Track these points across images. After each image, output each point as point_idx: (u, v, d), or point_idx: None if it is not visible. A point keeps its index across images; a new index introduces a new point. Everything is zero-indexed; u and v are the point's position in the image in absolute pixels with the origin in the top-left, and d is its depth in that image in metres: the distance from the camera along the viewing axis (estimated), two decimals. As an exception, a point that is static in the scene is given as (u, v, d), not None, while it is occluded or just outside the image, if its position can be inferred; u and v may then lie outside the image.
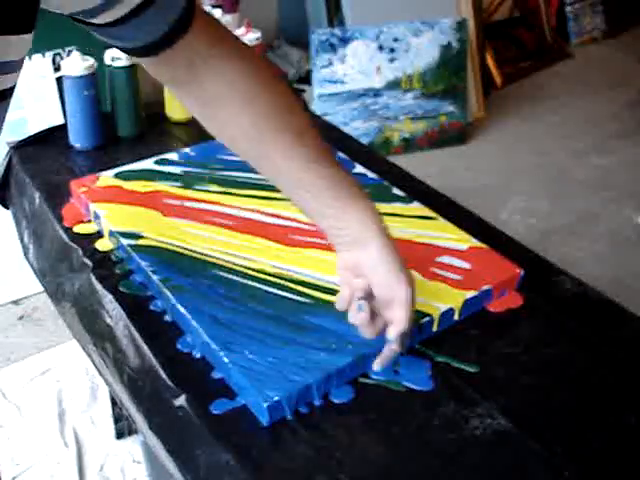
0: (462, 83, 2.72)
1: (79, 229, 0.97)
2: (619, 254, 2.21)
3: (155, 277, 0.84)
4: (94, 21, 0.60)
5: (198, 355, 0.77)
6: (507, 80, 3.24)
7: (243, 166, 1.07)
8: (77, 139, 1.16)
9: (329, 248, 0.90)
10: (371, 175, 1.07)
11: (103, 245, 0.94)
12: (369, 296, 0.69)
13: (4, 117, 0.55)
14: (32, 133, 1.21)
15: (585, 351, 0.80)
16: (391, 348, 0.71)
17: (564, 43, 3.66)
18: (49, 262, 1.01)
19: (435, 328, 0.80)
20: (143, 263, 0.86)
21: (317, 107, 2.54)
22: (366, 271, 0.69)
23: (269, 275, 0.85)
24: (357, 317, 0.70)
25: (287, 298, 0.82)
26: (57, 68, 1.70)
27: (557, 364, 0.78)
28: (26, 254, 1.09)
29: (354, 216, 0.68)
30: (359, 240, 0.68)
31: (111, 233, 0.93)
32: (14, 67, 0.52)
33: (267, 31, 2.78)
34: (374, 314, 0.70)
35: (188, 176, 1.05)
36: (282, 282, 0.84)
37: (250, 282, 0.84)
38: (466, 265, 0.88)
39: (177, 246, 0.90)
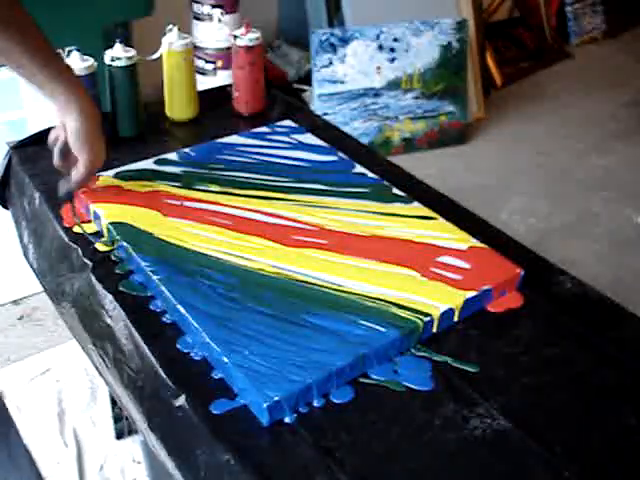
0: (462, 83, 2.72)
1: (78, 229, 0.97)
2: (619, 254, 2.21)
3: (155, 277, 0.84)
4: None
5: (198, 355, 0.77)
6: (507, 80, 3.24)
7: (243, 166, 1.08)
8: (77, 139, 1.16)
9: (329, 248, 0.90)
10: (371, 175, 1.07)
11: (103, 245, 0.94)
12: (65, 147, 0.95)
13: None
14: (32, 133, 1.21)
15: (585, 351, 0.80)
16: (68, 186, 0.98)
17: (564, 43, 3.66)
18: (49, 262, 1.01)
19: (435, 328, 0.80)
20: (143, 263, 0.86)
21: (317, 107, 2.54)
22: (67, 132, 0.94)
23: (269, 275, 0.85)
24: (54, 158, 0.97)
25: (287, 298, 0.82)
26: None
27: (557, 364, 0.78)
28: (26, 254, 1.09)
29: (60, 95, 0.92)
30: (65, 110, 0.93)
31: (111, 233, 0.93)
32: None
33: (267, 31, 2.79)
34: (66, 160, 0.96)
35: (188, 176, 1.05)
36: (282, 282, 0.84)
37: (250, 282, 0.84)
38: (466, 265, 0.88)
39: (177, 246, 0.90)
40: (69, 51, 1.12)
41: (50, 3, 1.44)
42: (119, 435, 1.52)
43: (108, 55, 1.15)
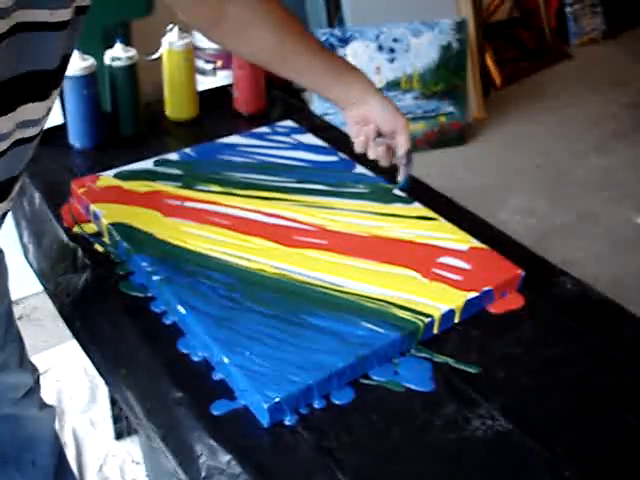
0: (462, 83, 2.72)
1: (78, 229, 0.97)
2: (619, 254, 2.21)
3: (155, 277, 0.84)
4: None
5: (198, 356, 0.77)
6: (507, 80, 3.24)
7: (243, 166, 1.08)
8: (77, 139, 1.16)
9: (329, 249, 0.90)
10: (371, 175, 1.07)
11: (103, 245, 0.94)
12: (379, 136, 0.95)
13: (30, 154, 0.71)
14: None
15: (585, 351, 0.80)
16: (405, 164, 0.95)
17: (564, 44, 3.66)
18: (49, 262, 1.01)
19: (436, 329, 0.80)
20: (143, 263, 0.86)
21: (317, 107, 2.54)
22: (373, 118, 0.94)
23: (269, 275, 0.85)
24: (378, 151, 0.95)
25: (287, 298, 0.82)
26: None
27: (558, 364, 0.78)
28: (26, 254, 1.09)
29: (355, 85, 0.94)
30: (362, 99, 0.94)
31: (111, 233, 0.93)
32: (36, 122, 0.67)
33: (267, 31, 2.77)
34: (388, 148, 0.95)
35: (188, 176, 1.04)
36: (282, 282, 0.84)
37: (250, 282, 0.84)
38: (467, 266, 0.88)
39: (177, 246, 0.90)
40: (69, 51, 1.12)
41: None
42: (119, 435, 1.52)
43: (108, 55, 1.14)
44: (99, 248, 0.94)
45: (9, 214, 0.74)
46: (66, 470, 1.06)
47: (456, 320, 0.82)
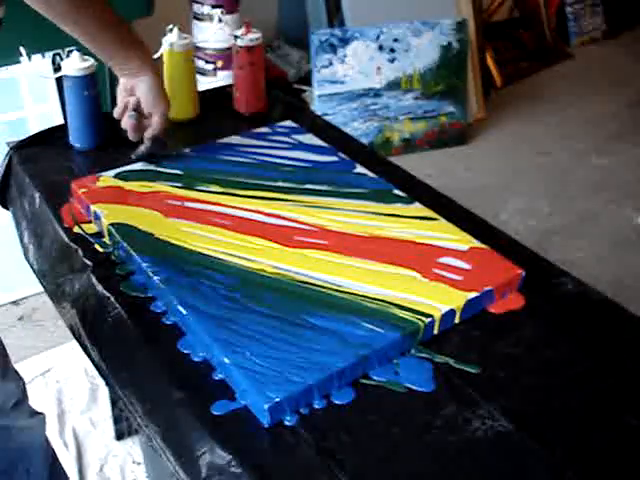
0: (462, 83, 2.72)
1: (78, 229, 0.97)
2: (619, 254, 2.21)
3: (155, 278, 0.84)
4: None
5: (199, 356, 0.77)
6: (507, 80, 3.24)
7: (243, 166, 1.08)
8: (77, 139, 1.16)
9: (330, 249, 0.90)
10: (371, 175, 1.07)
11: (103, 246, 0.94)
12: (136, 110, 1.05)
13: None
14: (32, 133, 1.21)
15: (586, 352, 0.80)
16: (147, 144, 1.07)
17: (564, 43, 3.65)
18: (49, 262, 1.00)
19: (436, 329, 0.80)
20: (143, 264, 0.86)
21: (317, 107, 2.54)
22: (139, 93, 1.03)
23: (269, 275, 0.85)
24: (128, 122, 1.05)
25: (287, 299, 0.81)
26: (57, 68, 1.70)
27: (558, 365, 0.77)
28: (26, 254, 1.09)
29: (134, 59, 1.00)
30: (138, 73, 1.02)
31: (111, 233, 0.93)
32: None
33: (267, 31, 2.78)
34: (140, 124, 1.06)
35: (188, 176, 1.04)
36: (282, 283, 0.84)
37: (251, 283, 0.84)
38: (467, 266, 0.88)
39: (177, 247, 0.90)
40: (69, 51, 1.12)
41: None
42: (119, 436, 1.52)
43: (108, 55, 1.14)
44: (99, 248, 0.94)
45: (9, 214, 0.74)
46: (60, 474, 1.06)
47: (456, 320, 0.82)
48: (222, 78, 2.37)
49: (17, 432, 0.94)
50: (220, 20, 2.20)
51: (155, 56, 1.20)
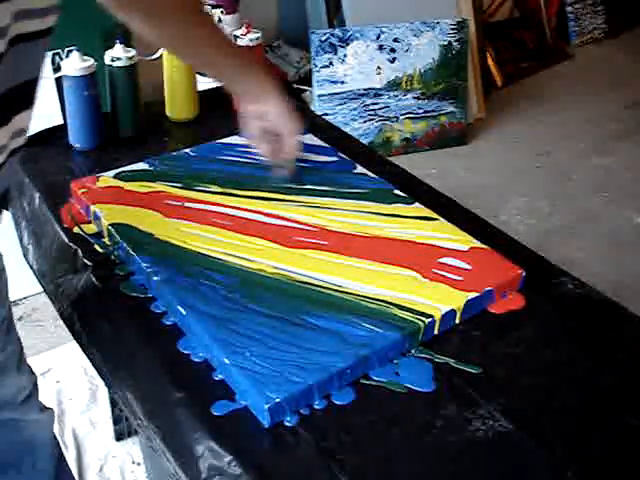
0: (462, 83, 2.72)
1: (78, 230, 0.97)
2: (619, 254, 2.21)
3: (155, 278, 0.84)
4: None
5: (199, 356, 0.77)
6: (507, 80, 3.24)
7: (243, 167, 1.08)
8: (77, 139, 1.16)
9: (330, 249, 0.90)
10: (371, 175, 1.07)
11: (103, 246, 0.94)
12: (271, 134, 1.00)
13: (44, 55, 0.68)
14: (32, 133, 1.21)
15: (586, 352, 0.79)
16: (287, 166, 1.03)
17: (564, 43, 3.65)
18: (49, 263, 1.00)
19: (437, 329, 0.80)
20: (143, 264, 0.86)
21: (317, 107, 2.54)
22: (270, 116, 0.98)
23: (269, 276, 0.85)
24: (266, 148, 1.02)
25: (287, 299, 0.81)
26: (57, 68, 1.70)
27: (558, 365, 0.77)
28: (26, 255, 1.08)
29: (257, 82, 0.97)
30: (261, 97, 0.97)
31: (111, 234, 0.93)
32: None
33: (267, 31, 2.77)
34: (278, 146, 1.01)
35: (188, 177, 1.04)
36: (282, 283, 0.84)
37: (251, 283, 0.84)
38: (467, 266, 0.87)
39: (177, 247, 0.89)
40: (69, 51, 1.12)
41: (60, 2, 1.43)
42: (119, 436, 1.52)
43: (108, 55, 1.14)
44: (99, 249, 0.94)
45: (9, 214, 0.74)
46: (65, 471, 1.07)
47: (457, 320, 0.82)
48: (222, 78, 2.36)
49: (26, 426, 0.94)
50: (220, 20, 2.20)
51: (155, 56, 1.21)
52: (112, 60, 1.14)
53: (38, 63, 0.64)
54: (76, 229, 0.97)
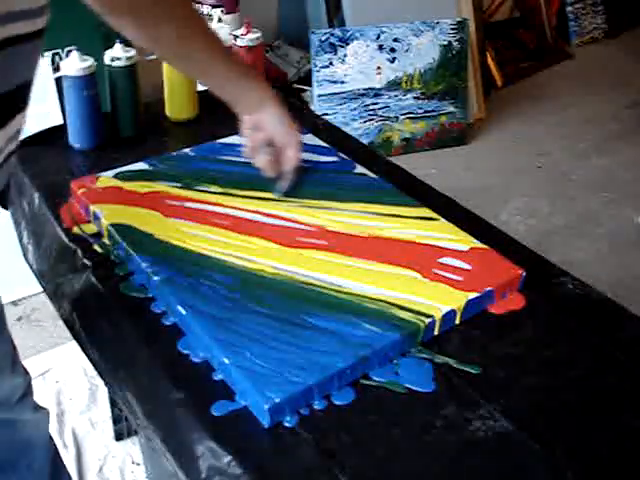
0: (462, 83, 2.72)
1: (77, 229, 0.97)
2: (619, 254, 2.21)
3: (155, 278, 0.84)
4: None
5: (199, 356, 0.77)
6: (507, 80, 3.24)
7: (243, 167, 1.08)
8: (77, 139, 1.16)
9: (330, 249, 0.90)
10: (371, 175, 1.06)
11: (103, 246, 0.94)
12: (269, 146, 0.98)
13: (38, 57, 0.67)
14: (32, 133, 1.21)
15: (586, 352, 0.79)
16: (289, 178, 0.99)
17: (565, 43, 3.65)
18: (48, 263, 1.00)
19: (437, 329, 0.80)
20: (143, 264, 0.86)
21: (317, 107, 2.54)
22: (267, 127, 0.96)
23: (269, 276, 0.85)
24: (263, 161, 0.98)
25: (287, 299, 0.81)
26: (56, 68, 1.70)
27: (558, 365, 0.77)
28: (25, 255, 1.08)
29: (254, 92, 0.95)
30: (259, 107, 0.96)
31: (111, 234, 0.93)
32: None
33: (267, 31, 2.78)
34: (276, 159, 0.98)
35: (188, 177, 1.04)
36: (282, 283, 0.84)
37: (250, 283, 0.84)
38: (467, 266, 0.87)
39: (177, 247, 0.89)
40: (69, 51, 1.12)
41: (50, 3, 1.43)
42: (118, 436, 1.52)
43: (108, 55, 1.14)
44: (99, 249, 0.93)
45: (9, 214, 0.74)
46: (62, 471, 1.06)
47: (457, 321, 0.82)
48: (222, 78, 2.36)
49: (21, 426, 0.94)
50: (220, 20, 2.19)
51: (155, 56, 1.21)
52: (112, 60, 1.14)
53: (31, 66, 0.64)
54: (76, 229, 0.97)
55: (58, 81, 1.65)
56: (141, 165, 1.07)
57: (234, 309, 0.79)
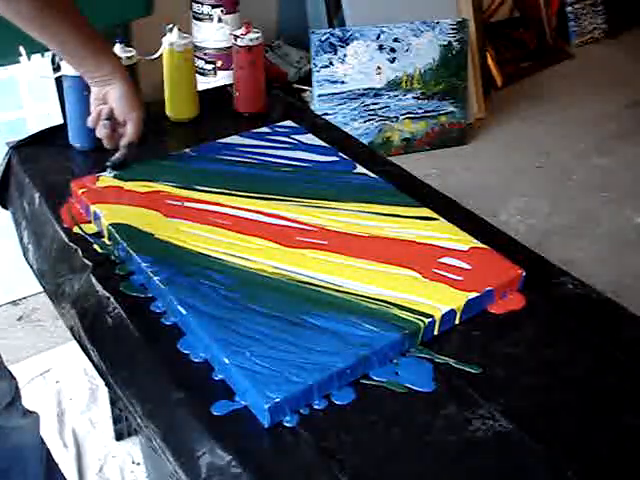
0: (462, 83, 2.72)
1: (78, 229, 0.97)
2: (619, 254, 2.21)
3: (155, 278, 0.84)
4: None
5: (199, 356, 0.77)
6: (507, 80, 3.23)
7: (243, 166, 1.08)
8: (77, 139, 1.16)
9: (330, 249, 0.90)
10: (371, 175, 1.07)
11: (103, 246, 0.94)
12: (110, 118, 1.03)
13: None
14: (32, 133, 1.21)
15: (586, 352, 0.79)
16: (122, 152, 1.05)
17: (564, 43, 3.65)
18: (49, 263, 1.00)
19: (437, 329, 0.80)
20: (143, 264, 0.86)
21: (317, 107, 2.54)
22: (111, 101, 1.01)
23: (269, 275, 0.85)
24: (102, 132, 1.04)
25: (287, 299, 0.81)
26: (57, 68, 1.69)
27: (558, 365, 0.77)
28: (25, 254, 1.08)
29: (105, 66, 0.98)
30: (109, 81, 0.99)
31: (111, 234, 0.93)
32: None
33: (267, 31, 2.78)
34: (114, 132, 1.04)
35: (188, 176, 1.04)
36: (282, 283, 0.84)
37: (250, 283, 0.84)
38: (467, 266, 0.87)
39: (177, 247, 0.89)
40: (69, 51, 1.11)
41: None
42: (119, 436, 1.52)
43: (108, 55, 1.14)
44: (99, 249, 0.94)
45: (9, 214, 0.74)
46: (55, 473, 1.06)
47: (457, 320, 0.82)
48: (222, 78, 2.37)
49: (10, 432, 0.94)
50: (220, 20, 2.20)
51: (155, 56, 1.21)
52: (112, 60, 1.14)
53: None
54: (76, 229, 0.97)
55: (58, 81, 1.65)
56: (141, 165, 1.07)
57: (234, 309, 0.79)
